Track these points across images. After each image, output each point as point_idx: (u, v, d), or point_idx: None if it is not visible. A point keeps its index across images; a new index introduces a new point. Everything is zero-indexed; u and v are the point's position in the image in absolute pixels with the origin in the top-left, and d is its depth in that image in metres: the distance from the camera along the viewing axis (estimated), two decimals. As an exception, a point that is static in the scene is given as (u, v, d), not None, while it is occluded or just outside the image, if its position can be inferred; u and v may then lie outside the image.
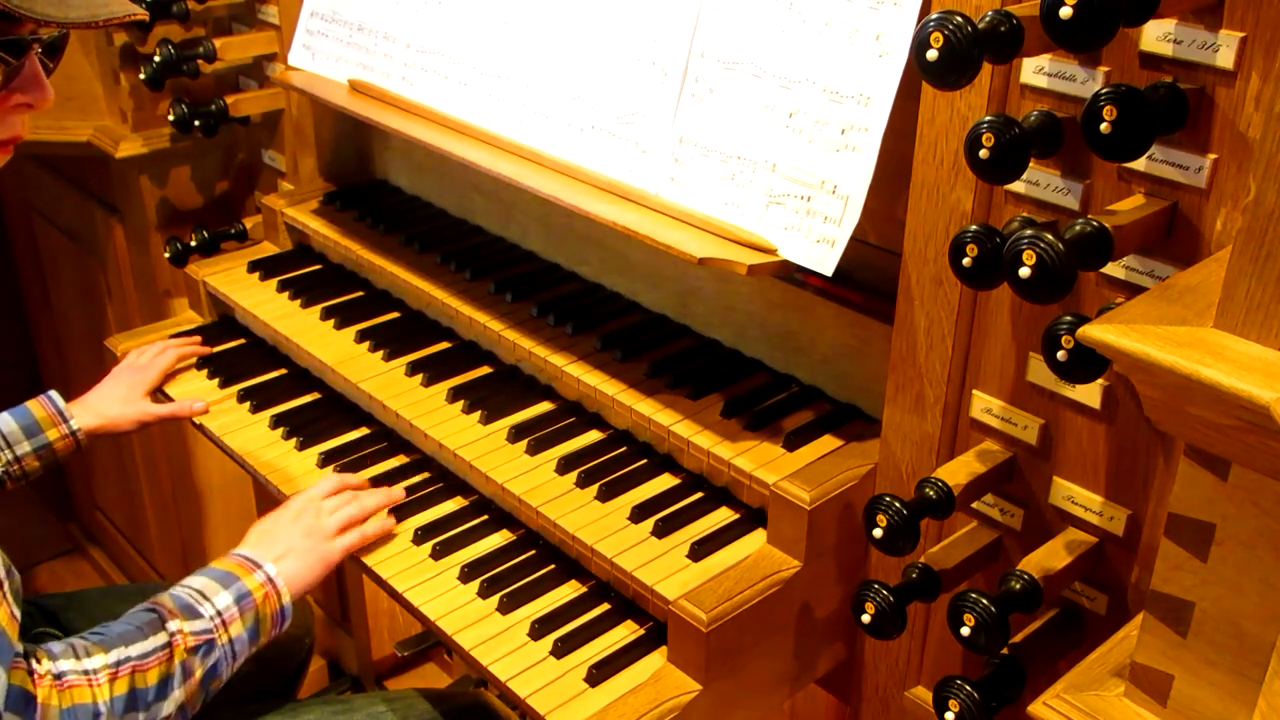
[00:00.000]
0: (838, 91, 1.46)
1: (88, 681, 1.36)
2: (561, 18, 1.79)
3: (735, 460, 1.62)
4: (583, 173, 1.74)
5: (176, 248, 2.47)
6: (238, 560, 1.59)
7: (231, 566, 1.57)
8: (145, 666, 1.41)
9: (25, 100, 1.32)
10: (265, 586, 1.56)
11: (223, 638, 1.49)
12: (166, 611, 1.47)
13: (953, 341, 1.41)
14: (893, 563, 1.57)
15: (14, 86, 1.30)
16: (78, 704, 1.34)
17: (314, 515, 1.67)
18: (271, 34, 2.44)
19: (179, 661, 1.44)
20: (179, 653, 1.44)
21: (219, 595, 1.51)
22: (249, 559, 1.59)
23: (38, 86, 1.32)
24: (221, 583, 1.53)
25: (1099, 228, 1.14)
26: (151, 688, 1.41)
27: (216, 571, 1.56)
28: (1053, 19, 1.00)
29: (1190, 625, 1.02)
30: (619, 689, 1.48)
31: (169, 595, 1.51)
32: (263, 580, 1.56)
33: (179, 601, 1.50)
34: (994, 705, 1.30)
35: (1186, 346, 0.91)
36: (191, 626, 1.47)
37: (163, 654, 1.43)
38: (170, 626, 1.45)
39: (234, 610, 1.51)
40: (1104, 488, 1.35)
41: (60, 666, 1.35)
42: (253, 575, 1.56)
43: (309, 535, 1.64)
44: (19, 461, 1.87)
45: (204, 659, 1.47)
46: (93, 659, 1.38)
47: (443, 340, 2.07)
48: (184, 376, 2.14)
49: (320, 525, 1.66)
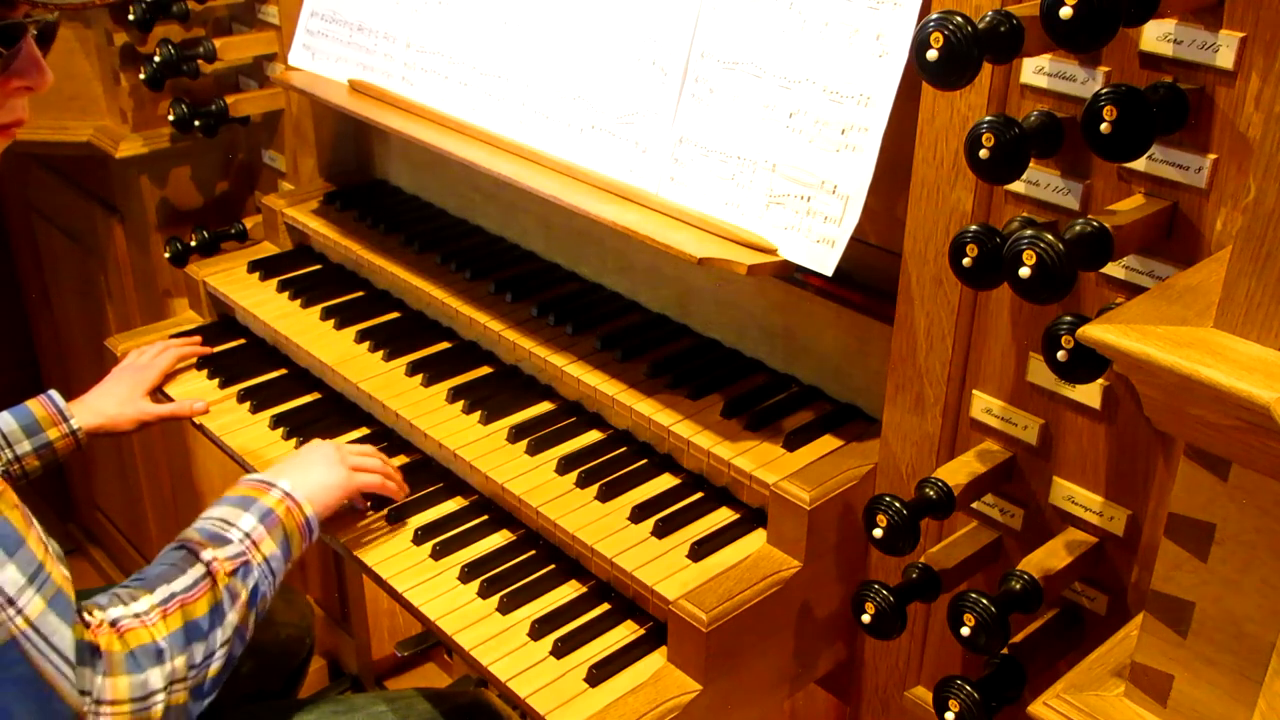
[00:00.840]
0: (838, 91, 1.46)
1: (141, 623, 1.38)
2: (561, 18, 1.79)
3: (735, 460, 1.62)
4: (583, 173, 1.74)
5: (176, 248, 2.47)
6: (251, 484, 1.62)
7: (246, 490, 1.60)
8: (191, 599, 1.43)
9: (25, 84, 1.32)
10: (284, 501, 1.59)
11: (257, 557, 1.52)
12: (196, 544, 1.49)
13: (953, 341, 1.41)
14: (893, 563, 1.57)
15: (13, 70, 1.30)
16: (140, 645, 1.36)
17: (333, 448, 1.72)
18: (271, 34, 2.44)
19: (223, 586, 1.47)
20: (221, 578, 1.47)
21: (242, 518, 1.54)
22: (262, 480, 1.62)
23: (36, 69, 1.32)
24: (241, 506, 1.56)
25: (1099, 228, 1.14)
26: (204, 617, 1.43)
27: (233, 498, 1.59)
28: (1053, 19, 1.00)
29: (1190, 625, 1.02)
30: (619, 689, 1.48)
31: (194, 530, 1.54)
32: (280, 496, 1.59)
33: (205, 533, 1.52)
34: (994, 705, 1.30)
35: (1186, 346, 0.91)
36: (224, 552, 1.49)
37: (205, 584, 1.45)
38: (204, 556, 1.48)
39: (261, 529, 1.54)
40: (1104, 488, 1.35)
41: (112, 614, 1.38)
42: (268, 493, 1.59)
43: (327, 462, 1.69)
44: (19, 461, 1.87)
45: (244, 580, 1.49)
46: (139, 601, 1.40)
47: (443, 340, 2.07)
48: (184, 376, 2.14)
49: (339, 456, 1.71)
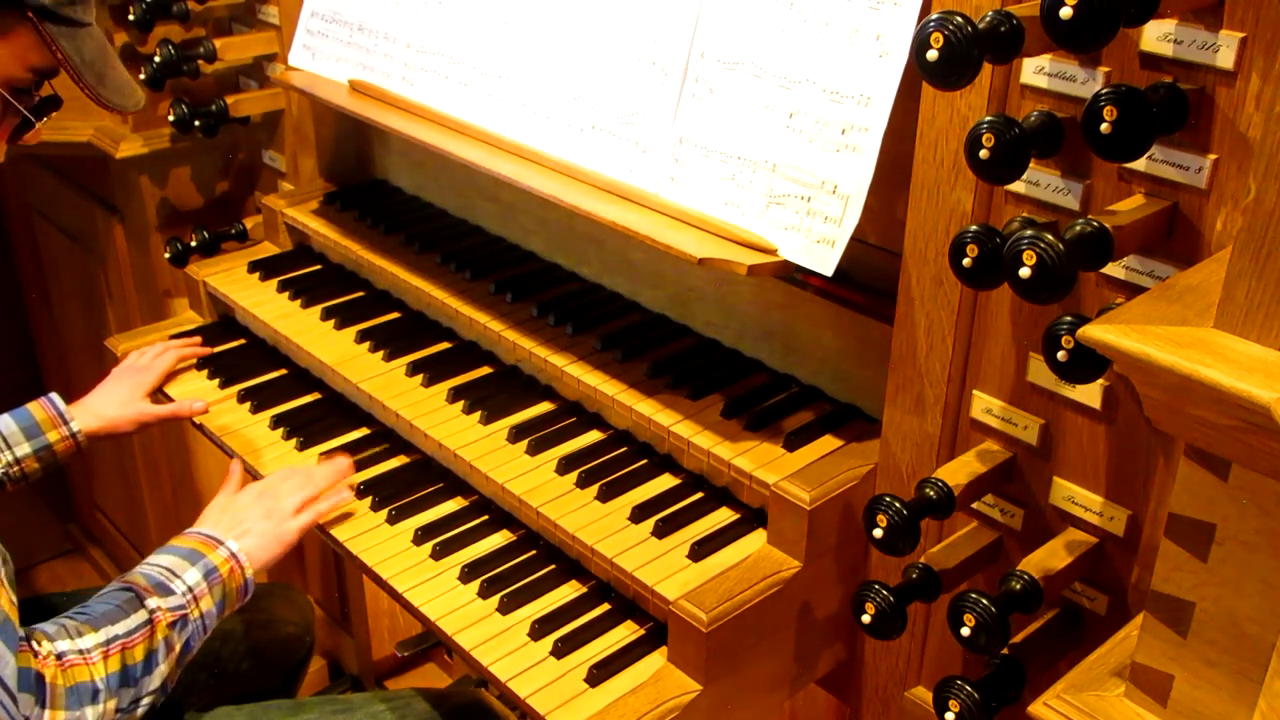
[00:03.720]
0: (838, 92, 1.46)
1: (84, 660, 1.43)
2: (562, 18, 1.79)
3: (735, 460, 1.62)
4: (583, 173, 1.74)
5: (177, 248, 2.47)
6: (200, 538, 1.63)
7: (195, 544, 1.62)
8: (132, 643, 1.48)
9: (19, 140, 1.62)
10: (229, 561, 1.61)
11: (194, 612, 1.55)
12: (142, 589, 1.52)
13: (953, 341, 1.41)
14: (893, 563, 1.57)
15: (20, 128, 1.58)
16: (79, 682, 1.41)
17: (273, 498, 1.72)
18: (271, 34, 2.44)
19: (161, 637, 1.50)
20: (160, 629, 1.51)
21: (188, 572, 1.57)
22: (210, 536, 1.64)
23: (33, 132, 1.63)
24: (188, 559, 1.58)
25: (1099, 228, 1.14)
26: (139, 663, 1.48)
27: (181, 549, 1.60)
28: (1053, 19, 1.00)
29: (1190, 625, 1.02)
30: (619, 689, 1.48)
31: (140, 574, 1.56)
32: (226, 556, 1.61)
33: (151, 580, 1.54)
34: (994, 705, 1.30)
35: (1186, 346, 0.91)
36: (167, 603, 1.52)
37: (145, 631, 1.49)
38: (149, 604, 1.51)
39: (204, 586, 1.57)
40: (1104, 488, 1.35)
41: (59, 647, 1.42)
42: (216, 551, 1.61)
43: (268, 517, 1.69)
44: (19, 463, 1.87)
45: (180, 633, 1.53)
46: (84, 639, 1.45)
47: (443, 340, 2.07)
48: (184, 377, 2.14)
49: (278, 507, 1.71)
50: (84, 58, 1.59)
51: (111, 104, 1.66)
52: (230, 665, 2.00)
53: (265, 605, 2.11)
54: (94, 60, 1.61)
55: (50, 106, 1.65)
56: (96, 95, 1.63)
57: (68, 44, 1.56)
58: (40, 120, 1.62)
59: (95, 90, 1.62)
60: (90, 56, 1.60)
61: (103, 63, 1.64)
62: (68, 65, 1.57)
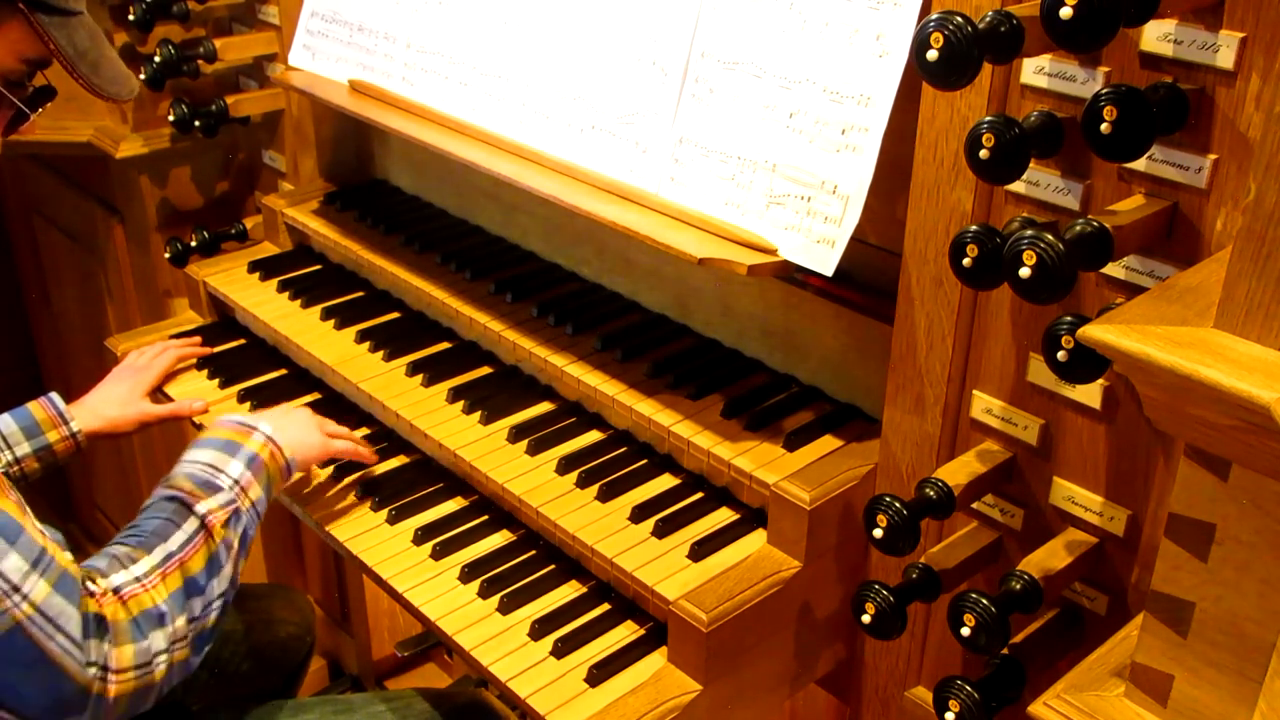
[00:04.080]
0: (838, 92, 1.46)
1: (143, 587, 1.41)
2: (562, 18, 1.79)
3: (735, 460, 1.62)
4: (583, 173, 1.74)
5: (177, 248, 2.47)
6: (232, 427, 1.65)
7: (229, 434, 1.63)
8: (189, 555, 1.46)
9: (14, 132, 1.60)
10: (267, 445, 1.63)
11: (245, 503, 1.56)
12: (189, 494, 1.52)
13: (953, 341, 1.41)
14: (893, 563, 1.57)
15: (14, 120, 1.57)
16: (142, 611, 1.39)
17: (310, 414, 1.79)
18: (271, 34, 2.44)
19: (219, 540, 1.50)
20: (216, 531, 1.50)
21: (230, 465, 1.58)
22: (243, 423, 1.65)
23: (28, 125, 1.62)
24: (227, 451, 1.59)
25: (1099, 228, 1.14)
26: (201, 572, 1.46)
27: (217, 440, 1.61)
28: (1053, 19, 1.00)
29: (1190, 625, 1.02)
30: (619, 689, 1.48)
31: (183, 477, 1.55)
32: (263, 440, 1.63)
33: (197, 480, 1.54)
34: (994, 705, 1.30)
35: (1186, 346, 0.91)
36: (217, 501, 1.53)
37: (200, 538, 1.48)
38: (199, 509, 1.50)
39: (248, 475, 1.58)
40: (1104, 488, 1.35)
41: (114, 581, 1.40)
42: (251, 437, 1.63)
43: (304, 421, 1.75)
44: (19, 463, 1.87)
45: (235, 528, 1.53)
46: (139, 564, 1.43)
47: (443, 340, 2.07)
48: (184, 377, 2.14)
49: (317, 421, 1.77)
50: (77, 47, 1.57)
51: (106, 93, 1.65)
52: (231, 666, 2.00)
53: (266, 606, 2.11)
54: (87, 50, 1.60)
55: (44, 97, 1.63)
56: (91, 85, 1.62)
57: (60, 34, 1.54)
58: (35, 112, 1.60)
59: (89, 80, 1.61)
60: (83, 46, 1.59)
61: (96, 52, 1.62)
62: (60, 55, 1.56)
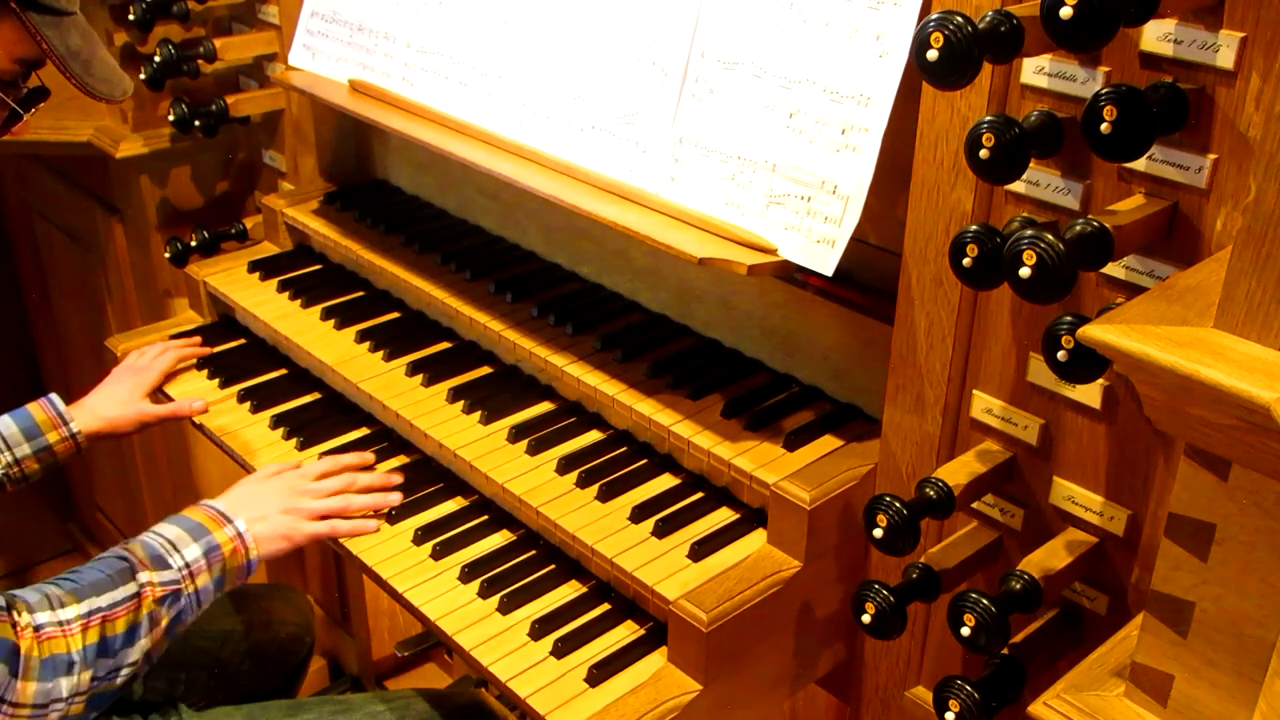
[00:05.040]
0: (838, 92, 1.46)
1: (63, 632, 1.42)
2: (562, 18, 1.79)
3: (735, 460, 1.62)
4: (583, 173, 1.74)
5: (177, 248, 2.47)
6: (210, 513, 1.63)
7: (203, 519, 1.61)
8: (114, 615, 1.47)
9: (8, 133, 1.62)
10: (234, 541, 1.61)
11: (189, 588, 1.54)
12: (137, 561, 1.52)
13: (953, 341, 1.41)
14: (893, 563, 1.57)
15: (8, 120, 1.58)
16: (54, 654, 1.40)
17: (299, 495, 1.71)
18: (271, 34, 2.43)
19: (147, 611, 1.50)
20: (147, 603, 1.50)
21: (189, 547, 1.56)
22: (221, 513, 1.63)
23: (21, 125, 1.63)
24: (192, 534, 1.58)
25: (1099, 228, 1.14)
26: (120, 635, 1.47)
27: (188, 522, 1.60)
28: (1053, 19, 1.00)
29: (1190, 625, 1.02)
30: (619, 689, 1.48)
31: (140, 543, 1.56)
32: (232, 535, 1.61)
33: (150, 551, 1.54)
34: (994, 705, 1.30)
35: (1186, 346, 0.91)
36: (160, 577, 1.52)
37: (131, 604, 1.48)
38: (140, 578, 1.50)
39: (202, 562, 1.56)
40: (1104, 488, 1.35)
41: (38, 619, 1.41)
42: (223, 529, 1.61)
43: (287, 511, 1.68)
44: (19, 464, 1.87)
45: (170, 608, 1.52)
46: (66, 609, 1.44)
47: (443, 340, 2.07)
48: (184, 377, 2.14)
49: (301, 506, 1.69)
50: (69, 47, 1.58)
51: (99, 93, 1.65)
52: (231, 666, 2.00)
53: (265, 606, 2.11)
54: (79, 49, 1.60)
55: (38, 98, 1.63)
56: (84, 85, 1.62)
57: (52, 34, 1.54)
58: (28, 112, 1.61)
59: (82, 80, 1.61)
60: (75, 46, 1.59)
61: (88, 52, 1.62)
62: (53, 55, 1.56)
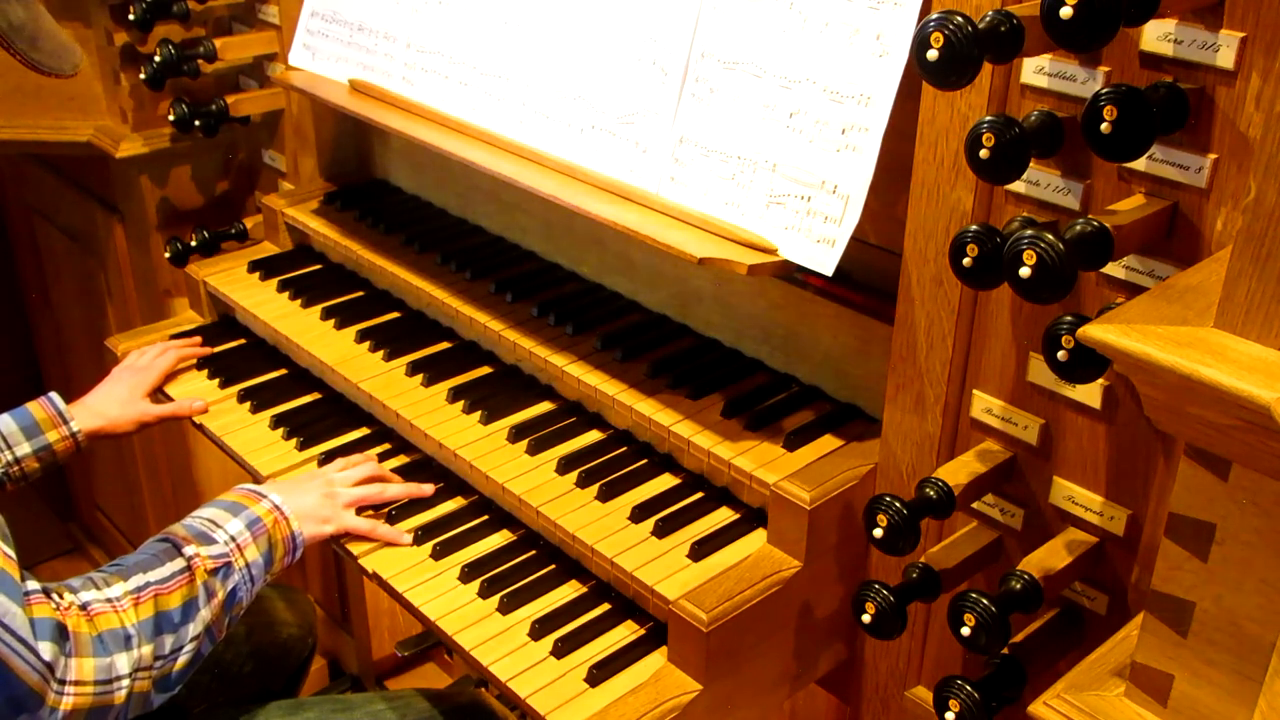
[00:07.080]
0: (838, 91, 1.46)
1: (112, 608, 1.40)
2: (562, 18, 1.79)
3: (735, 460, 1.62)
4: (583, 173, 1.74)
5: (177, 248, 2.47)
6: (243, 492, 1.64)
7: (236, 497, 1.62)
8: (167, 590, 1.45)
9: None
10: (273, 512, 1.61)
11: (239, 561, 1.53)
12: (181, 539, 1.51)
13: (953, 341, 1.42)
14: (893, 563, 1.57)
15: None
16: (108, 629, 1.38)
17: (327, 484, 1.72)
18: (271, 34, 2.44)
19: (200, 583, 1.48)
20: (199, 574, 1.48)
21: (230, 522, 1.56)
22: (254, 490, 1.64)
23: None
24: (230, 510, 1.58)
25: (1099, 228, 1.14)
26: (176, 609, 1.44)
27: (223, 502, 1.61)
28: (1053, 19, 1.00)
29: (1190, 625, 1.02)
30: (619, 689, 1.48)
31: (180, 525, 1.55)
32: (269, 507, 1.61)
33: (192, 530, 1.54)
34: (994, 705, 1.30)
35: (1187, 346, 0.91)
36: (208, 550, 1.51)
37: (183, 577, 1.47)
38: (187, 551, 1.49)
39: (247, 535, 1.56)
40: (1104, 488, 1.35)
41: (83, 598, 1.40)
42: (259, 503, 1.61)
43: (326, 496, 1.69)
44: (19, 463, 1.87)
45: (224, 581, 1.51)
46: (113, 587, 1.42)
47: (443, 340, 2.07)
48: (184, 377, 2.14)
49: (336, 493, 1.70)
50: (11, 22, 1.56)
51: (47, 68, 1.63)
52: (233, 668, 2.00)
53: (267, 607, 2.11)
54: (23, 24, 1.58)
55: None
56: (29, 61, 1.60)
57: None
58: None
59: (28, 56, 1.59)
60: (18, 21, 1.58)
61: (34, 26, 1.61)
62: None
